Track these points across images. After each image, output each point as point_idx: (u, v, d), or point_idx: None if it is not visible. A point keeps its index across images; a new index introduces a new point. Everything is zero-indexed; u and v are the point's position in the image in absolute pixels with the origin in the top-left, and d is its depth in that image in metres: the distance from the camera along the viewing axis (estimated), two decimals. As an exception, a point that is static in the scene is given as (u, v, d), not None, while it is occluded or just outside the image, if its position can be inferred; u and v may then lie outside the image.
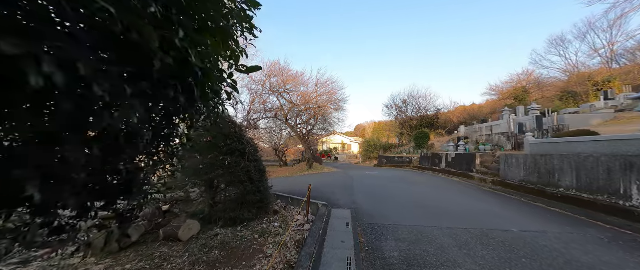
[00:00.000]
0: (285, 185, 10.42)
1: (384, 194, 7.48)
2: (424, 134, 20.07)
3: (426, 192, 7.91)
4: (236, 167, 5.78)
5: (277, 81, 16.36)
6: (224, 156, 5.67)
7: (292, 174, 15.34)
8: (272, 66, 16.03)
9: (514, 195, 7.10)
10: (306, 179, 11.98)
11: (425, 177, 12.08)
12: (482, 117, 25.68)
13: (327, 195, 7.50)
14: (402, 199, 6.83)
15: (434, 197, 7.10)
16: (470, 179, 9.85)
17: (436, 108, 24.23)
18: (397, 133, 26.38)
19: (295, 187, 9.67)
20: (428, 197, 7.09)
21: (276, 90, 16.69)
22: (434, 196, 7.20)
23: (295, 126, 18.47)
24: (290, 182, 11.45)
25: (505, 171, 8.27)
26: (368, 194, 7.62)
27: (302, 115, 18.87)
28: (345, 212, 5.65)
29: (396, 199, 6.84)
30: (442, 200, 6.66)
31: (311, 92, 17.16)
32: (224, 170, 5.58)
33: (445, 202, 6.32)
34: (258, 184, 6.04)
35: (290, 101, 17.52)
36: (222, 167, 5.52)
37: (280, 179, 13.07)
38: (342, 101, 18.92)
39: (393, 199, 6.79)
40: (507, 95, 25.00)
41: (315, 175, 13.69)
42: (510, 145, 10.14)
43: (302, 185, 10.02)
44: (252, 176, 5.93)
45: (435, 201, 6.45)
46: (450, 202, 6.33)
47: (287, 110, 17.79)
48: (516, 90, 24.70)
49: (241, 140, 6.03)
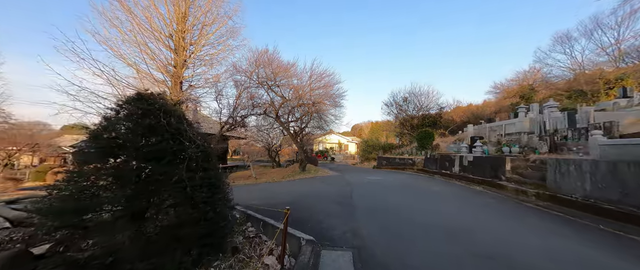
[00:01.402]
0: (268, 194, 7.99)
1: (398, 216, 5.08)
2: (427, 133, 17.76)
3: (456, 213, 5.52)
4: (164, 182, 3.34)
5: (266, 72, 13.90)
6: (136, 163, 3.21)
7: (280, 178, 12.91)
8: (260, 55, 13.58)
9: (583, 219, 4.75)
10: (295, 186, 9.56)
11: (438, 184, 9.71)
12: (486, 116, 23.45)
13: (316, 216, 5.09)
14: (428, 227, 4.43)
15: (473, 223, 4.71)
16: (499, 189, 7.51)
17: (439, 106, 22.02)
18: (397, 133, 24.06)
19: (279, 197, 7.24)
20: (464, 222, 4.70)
21: (265, 82, 14.23)
22: (471, 221, 4.81)
23: (287, 124, 16.02)
24: (275, 189, 9.02)
25: (557, 182, 5.94)
26: (374, 213, 5.23)
27: (295, 111, 16.44)
28: (343, 258, 3.25)
29: (418, 226, 4.44)
30: (490, 229, 4.26)
31: (304, 85, 14.72)
32: (135, 189, 3.12)
33: (498, 235, 3.94)
34: (205, 209, 3.56)
35: (281, 96, 15.07)
36: (129, 184, 3.06)
37: (264, 185, 10.63)
38: (339, 97, 16.53)
39: (413, 226, 4.40)
40: (512, 94, 22.81)
41: (306, 181, 11.27)
42: (546, 147, 7.92)
43: (288, 194, 7.61)
44: (195, 196, 3.47)
45: (483, 232, 4.06)
46: (505, 235, 3.95)
47: (278, 105, 15.34)
48: (522, 88, 22.51)
49: (176, 135, 3.57)
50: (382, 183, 9.85)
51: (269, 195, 7.83)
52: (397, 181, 10.47)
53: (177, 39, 14.20)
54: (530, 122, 13.68)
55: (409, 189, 8.45)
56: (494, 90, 25.41)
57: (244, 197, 7.37)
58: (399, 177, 12.34)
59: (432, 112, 21.88)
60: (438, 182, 10.28)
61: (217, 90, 14.91)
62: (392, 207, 5.78)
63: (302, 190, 8.50)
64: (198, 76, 15.52)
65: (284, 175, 14.51)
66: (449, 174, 11.48)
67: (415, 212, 5.34)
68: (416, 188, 8.58)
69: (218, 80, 14.63)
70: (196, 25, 14.71)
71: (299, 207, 5.92)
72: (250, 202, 6.58)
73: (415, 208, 5.75)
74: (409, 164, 17.12)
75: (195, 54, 14.73)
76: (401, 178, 11.71)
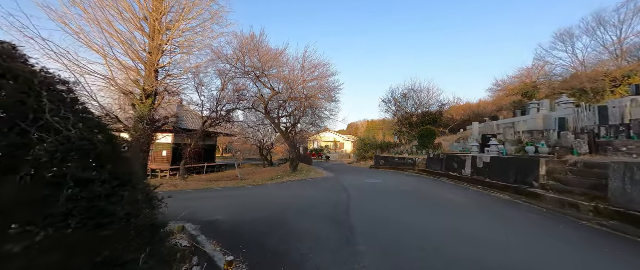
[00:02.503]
0: (244, 203, 6.12)
1: (420, 247, 3.29)
2: (429, 131, 16.08)
3: (505, 243, 3.77)
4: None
5: (252, 61, 12.02)
6: None
7: (268, 180, 11.08)
8: (245, 41, 11.68)
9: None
10: (282, 191, 7.74)
11: (450, 190, 8.01)
12: (487, 114, 21.94)
13: (299, 245, 3.29)
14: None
15: (543, 262, 2.96)
16: (534, 199, 5.82)
17: (440, 103, 20.38)
18: (395, 131, 22.39)
19: (256, 208, 5.39)
20: (532, 263, 2.95)
21: (252, 72, 12.35)
22: (539, 259, 3.06)
23: (277, 119, 14.17)
24: (255, 196, 7.17)
25: (629, 194, 4.26)
26: (382, 241, 3.45)
27: (286, 106, 14.60)
28: None
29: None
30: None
31: (297, 76, 12.88)
32: None
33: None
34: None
35: (271, 88, 13.20)
36: None
37: (245, 190, 8.76)
38: (335, 90, 14.73)
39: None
40: (515, 91, 21.31)
41: (296, 184, 9.45)
42: (585, 146, 6.31)
43: (270, 203, 5.77)
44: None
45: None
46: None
47: (268, 99, 13.48)
48: (525, 85, 21.02)
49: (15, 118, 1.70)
50: (383, 188, 8.10)
51: (245, 205, 5.99)
52: (401, 185, 8.74)
53: (152, 22, 12.17)
54: (544, 119, 12.09)
55: (418, 196, 6.70)
56: (495, 88, 23.96)
57: (210, 208, 5.54)
58: (401, 179, 10.61)
59: (432, 110, 20.25)
60: (449, 187, 8.57)
61: (198, 80, 12.99)
62: (406, 229, 4.02)
63: (289, 197, 6.69)
64: (177, 65, 13.59)
65: (273, 176, 12.69)
66: (458, 176, 9.78)
67: (444, 241, 3.57)
68: (427, 196, 6.83)
69: (198, 69, 12.70)
70: (174, 6, 12.70)
71: (278, 226, 4.12)
72: (214, 217, 4.77)
73: (439, 231, 3.99)
74: (409, 165, 15.44)
75: (173, 38, 12.78)
76: (404, 181, 9.98)
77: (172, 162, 18.26)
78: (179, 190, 9.07)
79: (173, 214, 5.23)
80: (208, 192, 8.20)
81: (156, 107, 12.44)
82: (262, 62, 11.66)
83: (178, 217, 4.80)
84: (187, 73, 12.86)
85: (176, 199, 7.49)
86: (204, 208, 5.62)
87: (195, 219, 4.76)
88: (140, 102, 12.30)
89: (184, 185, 10.73)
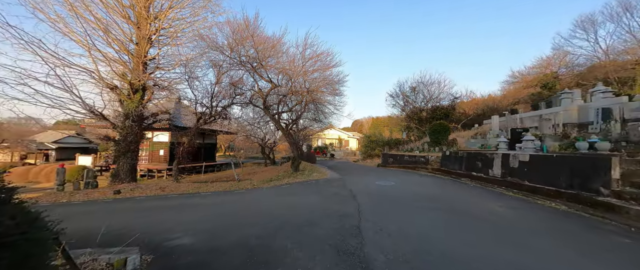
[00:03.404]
0: (225, 216, 4.70)
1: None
2: (442, 126, 14.46)
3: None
4: None
5: (247, 51, 10.62)
6: None
7: (266, 182, 9.71)
8: (239, 28, 10.27)
9: None
10: (278, 197, 6.34)
11: (484, 196, 6.49)
12: (502, 108, 20.10)
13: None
14: None
15: None
16: (605, 211, 4.29)
17: (452, 96, 18.62)
18: (403, 127, 20.75)
19: (239, 227, 3.95)
20: None
21: (248, 62, 10.96)
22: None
23: (277, 115, 12.78)
24: (244, 206, 5.79)
25: None
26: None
27: (286, 100, 13.19)
28: None
29: None
30: None
31: (297, 67, 11.43)
32: None
33: None
34: None
35: (269, 80, 11.80)
36: None
37: (236, 195, 7.38)
38: (339, 83, 13.23)
39: None
40: (533, 83, 19.40)
41: (296, 188, 8.05)
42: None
43: (259, 218, 4.24)
44: None
45: None
46: None
47: (266, 93, 12.09)
48: (545, 76, 19.09)
49: None
50: (398, 193, 6.62)
51: (229, 219, 4.61)
52: (418, 189, 7.25)
53: (139, 10, 10.84)
54: (579, 111, 10.37)
55: (447, 206, 5.21)
56: (511, 80, 21.96)
57: (184, 223, 4.18)
58: (415, 181, 9.10)
59: (444, 104, 18.54)
60: (477, 191, 7.04)
61: (190, 73, 11.67)
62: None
63: (285, 208, 5.30)
64: (167, 56, 12.29)
65: (273, 177, 11.33)
66: (483, 177, 8.24)
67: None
68: (456, 205, 5.34)
69: (188, 61, 11.35)
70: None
71: (264, 261, 2.72)
72: (180, 240, 3.43)
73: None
74: (420, 163, 13.89)
75: (162, 28, 11.47)
76: (420, 183, 8.48)
77: (170, 161, 17.11)
78: (163, 195, 7.79)
79: (130, 232, 3.92)
80: (193, 198, 6.88)
81: (145, 103, 11.18)
82: (258, 51, 10.24)
83: (132, 237, 3.47)
84: (178, 66, 11.54)
85: (150, 208, 6.17)
86: (176, 222, 4.28)
87: (153, 242, 3.42)
88: (127, 97, 11.09)
89: (173, 188, 9.48)
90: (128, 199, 7.30)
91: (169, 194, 7.88)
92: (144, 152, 18.02)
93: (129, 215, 5.09)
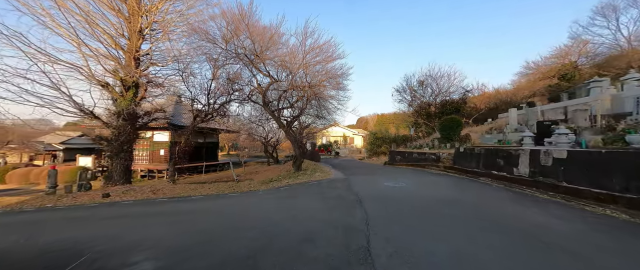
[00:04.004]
0: (210, 231, 3.67)
1: None
2: (454, 121, 13.35)
3: None
4: None
5: (242, 42, 9.77)
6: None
7: (262, 184, 8.88)
8: (234, 18, 9.41)
9: None
10: (275, 203, 5.49)
11: (515, 200, 5.49)
12: (516, 101, 18.73)
13: None
14: None
15: None
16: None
17: (464, 90, 17.37)
18: (411, 123, 19.64)
19: (217, 247, 2.99)
20: None
21: (244, 55, 10.12)
22: None
23: (277, 111, 11.93)
24: (231, 213, 4.93)
25: None
26: None
27: (287, 96, 12.33)
28: None
29: None
30: None
31: (297, 58, 10.52)
32: None
33: None
34: None
35: (268, 74, 10.95)
36: None
37: (229, 199, 6.52)
38: (343, 76, 12.27)
39: None
40: (550, 73, 17.97)
41: (295, 189, 7.18)
42: None
43: (246, 234, 3.10)
44: None
45: None
46: None
47: (265, 88, 11.24)
48: (563, 66, 17.64)
49: None
50: (413, 197, 5.67)
51: (209, 234, 3.76)
52: (434, 191, 6.28)
53: (131, 2, 10.17)
54: (612, 100, 9.16)
55: (478, 214, 4.25)
56: (526, 71, 20.51)
57: (152, 239, 3.35)
58: (429, 181, 8.11)
59: (454, 98, 17.34)
60: (505, 193, 6.02)
61: (185, 69, 10.90)
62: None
63: (279, 217, 4.44)
64: (161, 52, 11.55)
65: (273, 177, 10.52)
66: (506, 177, 7.20)
67: None
68: (487, 212, 4.37)
69: (181, 55, 10.57)
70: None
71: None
72: (136, 265, 2.57)
73: None
74: (431, 160, 12.86)
75: (154, 20, 10.72)
76: (435, 184, 7.49)
77: (170, 161, 16.55)
78: (152, 199, 7.05)
79: (85, 250, 3.12)
80: (181, 204, 6.11)
81: (138, 101, 10.47)
82: (254, 42, 9.37)
83: (82, 258, 2.69)
84: (172, 61, 10.77)
85: (130, 215, 5.16)
86: (147, 236, 3.48)
87: (105, 268, 2.61)
88: (119, 95, 10.42)
89: (167, 191, 8.74)
90: (114, 203, 6.59)
91: (158, 198, 7.13)
92: (144, 153, 17.50)
93: (102, 224, 4.33)
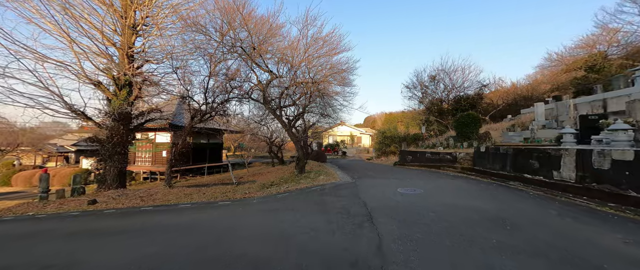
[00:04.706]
0: (179, 261, 2.77)
1: None
2: (471, 117, 12.01)
3: None
4: None
5: (237, 34, 8.86)
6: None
7: (259, 189, 7.93)
8: (228, 8, 8.50)
9: None
10: (268, 218, 4.49)
11: (576, 217, 4.28)
12: (537, 96, 17.06)
13: None
14: None
15: None
16: None
17: (480, 84, 15.89)
18: (421, 120, 18.29)
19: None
20: None
21: (242, 48, 9.21)
22: None
23: (278, 109, 10.98)
24: (213, 232, 3.96)
25: None
26: None
27: (289, 93, 11.36)
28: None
29: None
30: None
31: (299, 52, 9.52)
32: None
33: None
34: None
35: (268, 69, 10.01)
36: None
37: (220, 209, 5.55)
38: (349, 71, 11.19)
39: None
40: (576, 65, 16.22)
41: (294, 198, 6.17)
42: None
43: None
44: None
45: None
46: None
47: (265, 83, 10.31)
48: (591, 57, 15.87)
49: None
50: (435, 209, 4.54)
51: (166, 268, 2.83)
52: (464, 202, 5.12)
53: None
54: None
55: (536, 248, 3.13)
56: (547, 63, 18.71)
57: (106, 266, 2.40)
58: (449, 186, 6.92)
59: (469, 93, 15.90)
60: (552, 205, 4.79)
61: (180, 64, 10.10)
62: None
63: (269, 242, 3.45)
64: (156, 49, 10.80)
65: (274, 181, 9.58)
66: (545, 182, 5.95)
67: None
68: (572, 249, 3.22)
69: (174, 53, 9.75)
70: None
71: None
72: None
73: None
74: (446, 161, 11.58)
75: (147, 15, 9.96)
76: (457, 188, 6.31)
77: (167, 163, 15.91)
78: (136, 207, 6.22)
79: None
80: (161, 215, 5.23)
81: (132, 100, 9.76)
82: (250, 31, 8.43)
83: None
84: (167, 59, 9.99)
85: (97, 232, 3.88)
86: (93, 266, 2.56)
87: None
88: (113, 94, 9.75)
89: (158, 197, 7.96)
90: (93, 212, 5.83)
91: (143, 207, 6.30)
92: (146, 154, 16.97)
93: (53, 245, 3.48)
